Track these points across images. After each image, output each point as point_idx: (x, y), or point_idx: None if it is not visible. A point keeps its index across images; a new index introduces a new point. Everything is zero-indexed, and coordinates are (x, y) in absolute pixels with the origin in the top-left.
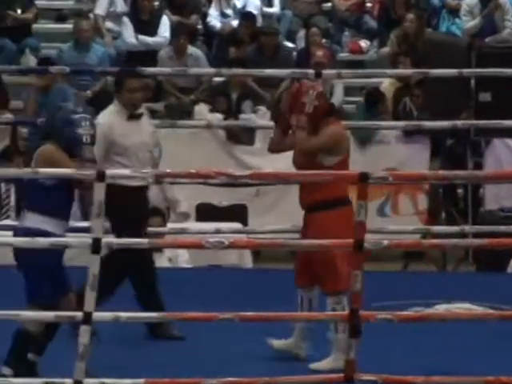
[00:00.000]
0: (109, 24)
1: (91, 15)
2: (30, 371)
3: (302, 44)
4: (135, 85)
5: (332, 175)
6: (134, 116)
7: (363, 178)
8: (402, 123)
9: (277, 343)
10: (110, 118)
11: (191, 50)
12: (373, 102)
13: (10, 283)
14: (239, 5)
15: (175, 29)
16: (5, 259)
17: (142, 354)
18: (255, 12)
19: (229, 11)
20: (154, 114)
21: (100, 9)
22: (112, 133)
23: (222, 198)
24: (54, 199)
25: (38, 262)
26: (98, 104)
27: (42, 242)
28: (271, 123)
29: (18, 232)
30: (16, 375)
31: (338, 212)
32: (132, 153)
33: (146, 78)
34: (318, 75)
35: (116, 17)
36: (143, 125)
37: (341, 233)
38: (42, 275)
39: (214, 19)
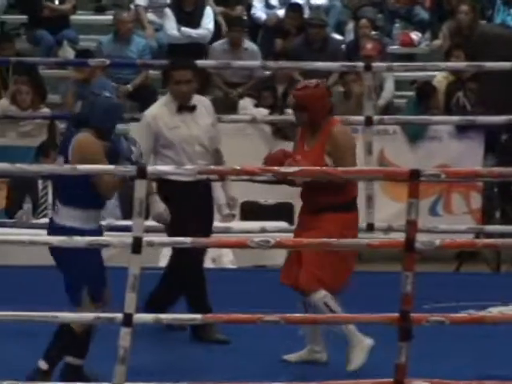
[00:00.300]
0: (150, 15)
1: (132, 6)
2: (76, 375)
3: (350, 36)
4: (181, 77)
5: (382, 172)
6: (184, 108)
7: (414, 176)
8: (455, 118)
9: (293, 357)
10: (156, 109)
11: (247, 43)
12: (424, 96)
13: (49, 283)
14: None
15: (229, 21)
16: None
17: (183, 356)
18: (302, 2)
19: (274, 2)
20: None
21: (141, 0)
22: (157, 124)
23: (267, 195)
24: (90, 194)
25: (79, 259)
26: (138, 98)
27: (80, 241)
28: None
29: (53, 230)
30: (50, 371)
31: (349, 215)
32: (179, 146)
33: (194, 69)
34: (368, 68)
35: (158, 8)
36: (197, 117)
37: (347, 236)
38: (84, 272)
39: (259, 10)
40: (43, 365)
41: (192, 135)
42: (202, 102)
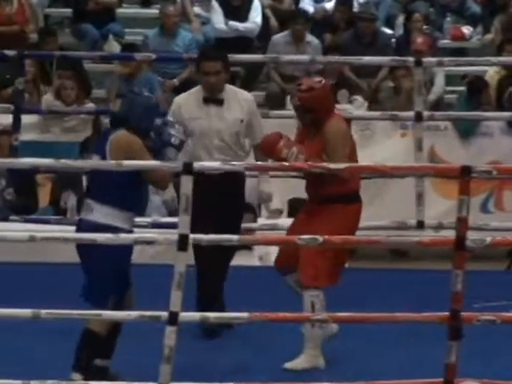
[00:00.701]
0: (197, 9)
1: (178, 0)
2: (101, 377)
3: (400, 30)
4: (210, 68)
5: (433, 169)
6: (210, 100)
7: (465, 172)
8: (507, 114)
9: (290, 365)
10: (183, 97)
11: (309, 37)
12: (475, 91)
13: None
14: None
15: (290, 14)
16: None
17: (227, 355)
18: None
19: None
20: None
21: None
22: (179, 112)
23: None
24: (127, 191)
25: (109, 261)
26: (184, 92)
27: (126, 238)
28: (368, 114)
29: (85, 226)
30: (86, 379)
31: (351, 207)
32: (197, 138)
33: (224, 60)
34: (418, 63)
35: (204, 1)
36: (224, 111)
37: (352, 228)
38: (110, 272)
39: (307, 4)
40: (76, 376)
41: (212, 128)
42: (241, 96)
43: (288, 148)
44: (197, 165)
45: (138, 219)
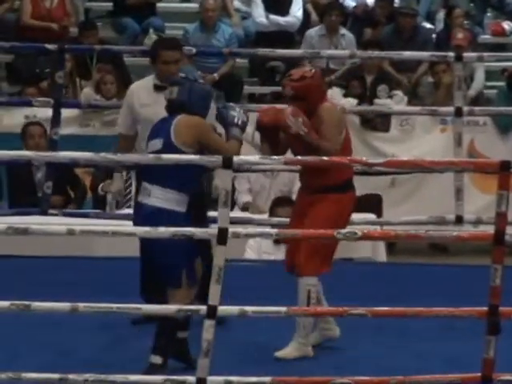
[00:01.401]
0: (237, 3)
1: None
2: (181, 350)
3: (441, 25)
4: (170, 57)
5: (472, 163)
6: (160, 87)
7: (505, 167)
8: None
9: (281, 354)
10: (138, 84)
11: (343, 30)
12: None
13: (131, 274)
14: None
15: (326, 5)
16: (125, 250)
17: (266, 349)
18: None
19: None
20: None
21: None
22: (132, 98)
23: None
24: (187, 174)
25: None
26: (224, 87)
27: (165, 232)
28: (408, 109)
29: (143, 211)
30: (165, 363)
31: (345, 195)
32: (145, 124)
33: (181, 49)
34: (458, 58)
35: None
36: None
37: (347, 216)
38: (183, 251)
39: None
40: (156, 359)
41: (159, 115)
42: None
43: (295, 117)
44: (236, 159)
45: None
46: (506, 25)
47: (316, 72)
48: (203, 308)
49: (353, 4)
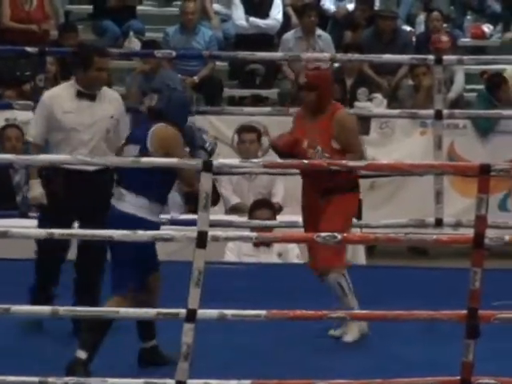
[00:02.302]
0: (216, 6)
1: None
2: (155, 357)
3: (421, 28)
4: (104, 64)
5: (452, 167)
6: (83, 95)
7: (484, 170)
8: None
9: (348, 338)
10: (56, 90)
11: (319, 31)
12: (494, 86)
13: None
14: None
15: (301, 7)
16: None
17: (247, 353)
18: None
19: None
20: (265, 101)
21: None
22: (51, 105)
23: None
24: (160, 183)
25: (131, 250)
26: (205, 90)
27: (144, 235)
28: (388, 112)
29: (116, 214)
30: (90, 359)
31: (356, 195)
32: (66, 131)
33: (108, 57)
34: (438, 61)
35: None
36: (95, 107)
37: (355, 215)
38: (133, 262)
39: (329, 2)
40: (82, 354)
41: (83, 123)
42: (109, 94)
43: (313, 148)
44: (216, 163)
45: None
46: (486, 28)
47: (330, 68)
48: (182, 311)
49: (333, 8)
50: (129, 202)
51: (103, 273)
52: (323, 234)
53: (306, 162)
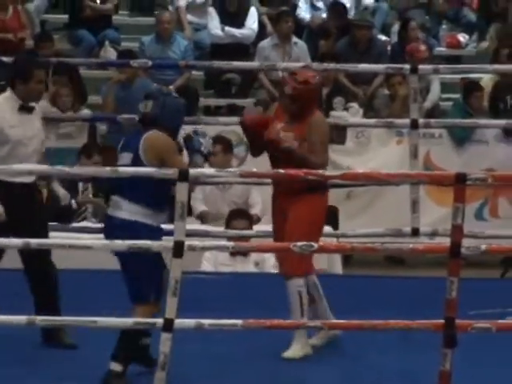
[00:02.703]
0: (190, 16)
1: (170, 8)
2: (143, 355)
3: (396, 38)
4: (42, 76)
5: (428, 176)
6: (24, 108)
7: (460, 179)
8: (502, 121)
9: (288, 354)
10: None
11: (295, 38)
12: (469, 92)
13: (92, 287)
14: None
15: (277, 15)
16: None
17: (223, 362)
18: (348, 5)
19: (319, 4)
20: (241, 110)
21: (181, 1)
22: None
23: None
24: (154, 189)
25: (143, 259)
26: None
27: (121, 244)
28: (364, 121)
29: (114, 223)
30: (125, 371)
31: (324, 197)
32: (13, 145)
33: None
34: (414, 71)
35: (196, 8)
36: (33, 119)
37: (325, 215)
38: (148, 269)
39: (304, 11)
40: (116, 366)
41: (26, 136)
42: (36, 106)
43: (286, 131)
44: (193, 172)
45: None
46: (461, 37)
47: (319, 80)
48: (160, 321)
49: (308, 17)
50: (126, 210)
51: (53, 280)
52: (299, 244)
53: (282, 171)
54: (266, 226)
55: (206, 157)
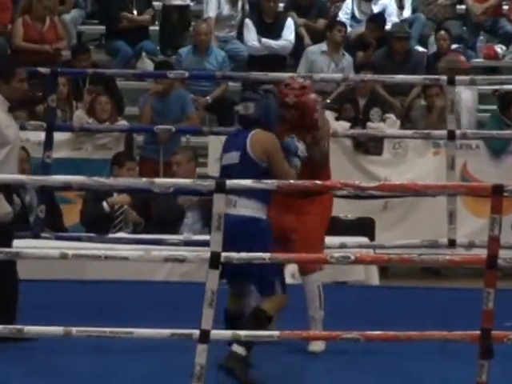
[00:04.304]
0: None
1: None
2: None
3: (434, 48)
4: (24, 75)
5: (465, 187)
6: (11, 108)
7: (498, 191)
8: None
9: (314, 348)
10: None
11: (343, 50)
12: (507, 104)
13: (124, 298)
14: (376, 10)
15: (327, 24)
16: (118, 274)
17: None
18: (392, 18)
19: (360, 15)
20: None
21: (211, 12)
22: None
23: (347, 210)
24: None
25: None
26: (218, 110)
27: (156, 256)
28: (401, 132)
29: (236, 221)
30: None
31: (331, 196)
32: (11, 146)
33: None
34: (451, 82)
35: (223, 20)
36: (13, 119)
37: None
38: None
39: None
40: (241, 350)
41: (18, 136)
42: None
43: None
44: (230, 183)
45: (169, 236)
46: (499, 48)
47: (310, 84)
48: (196, 332)
49: (349, 29)
50: (245, 207)
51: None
52: (337, 255)
53: (319, 182)
54: None
55: (302, 161)
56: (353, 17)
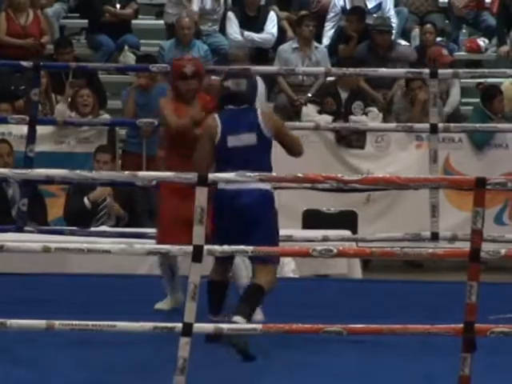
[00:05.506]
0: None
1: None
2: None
3: (416, 42)
4: None
5: (447, 180)
6: None
7: (480, 184)
8: None
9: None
10: None
11: (315, 43)
12: (489, 97)
13: (105, 292)
14: (370, 5)
15: (299, 17)
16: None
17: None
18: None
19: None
20: None
21: (195, 5)
22: None
23: (330, 203)
24: (270, 163)
25: (274, 220)
26: None
27: (140, 249)
28: (383, 125)
29: (253, 194)
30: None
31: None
32: None
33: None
34: (434, 75)
35: (205, 14)
36: None
37: None
38: (276, 235)
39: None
40: (241, 320)
41: None
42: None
43: None
44: (211, 176)
45: (152, 230)
46: (481, 41)
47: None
48: (179, 325)
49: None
50: (259, 183)
51: None
52: (319, 248)
53: (301, 175)
54: (285, 230)
55: None
56: (343, 11)
